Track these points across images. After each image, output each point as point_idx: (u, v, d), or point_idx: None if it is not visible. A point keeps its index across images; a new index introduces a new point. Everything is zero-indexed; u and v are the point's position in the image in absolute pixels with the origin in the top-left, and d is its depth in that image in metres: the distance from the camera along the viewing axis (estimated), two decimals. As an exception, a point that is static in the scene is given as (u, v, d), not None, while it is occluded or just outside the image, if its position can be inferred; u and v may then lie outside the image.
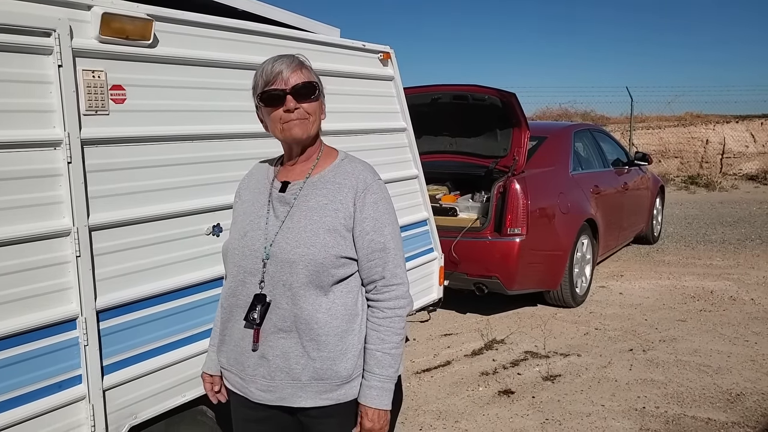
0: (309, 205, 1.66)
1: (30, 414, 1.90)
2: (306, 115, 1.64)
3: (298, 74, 1.63)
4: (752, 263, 7.19)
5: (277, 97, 1.62)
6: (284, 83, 1.61)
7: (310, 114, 1.65)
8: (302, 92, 1.63)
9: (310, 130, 1.67)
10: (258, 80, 1.65)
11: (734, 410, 3.60)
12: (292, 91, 1.61)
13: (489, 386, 4.01)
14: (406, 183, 3.66)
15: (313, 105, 1.66)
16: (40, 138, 1.93)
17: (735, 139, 15.56)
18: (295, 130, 1.64)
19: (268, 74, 1.62)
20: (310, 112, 1.65)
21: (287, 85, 1.61)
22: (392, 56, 3.52)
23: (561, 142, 6.04)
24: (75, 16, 2.01)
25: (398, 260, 1.71)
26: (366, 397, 1.67)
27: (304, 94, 1.63)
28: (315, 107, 1.67)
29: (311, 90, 1.64)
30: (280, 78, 1.61)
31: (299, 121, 1.63)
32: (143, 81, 2.22)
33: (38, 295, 1.93)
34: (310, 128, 1.66)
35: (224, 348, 1.76)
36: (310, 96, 1.64)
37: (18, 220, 1.88)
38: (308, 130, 1.66)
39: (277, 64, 1.63)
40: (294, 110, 1.62)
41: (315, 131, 1.70)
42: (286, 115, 1.62)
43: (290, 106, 1.61)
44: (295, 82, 1.62)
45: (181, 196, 2.34)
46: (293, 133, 1.65)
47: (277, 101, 1.62)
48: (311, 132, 1.68)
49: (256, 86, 1.66)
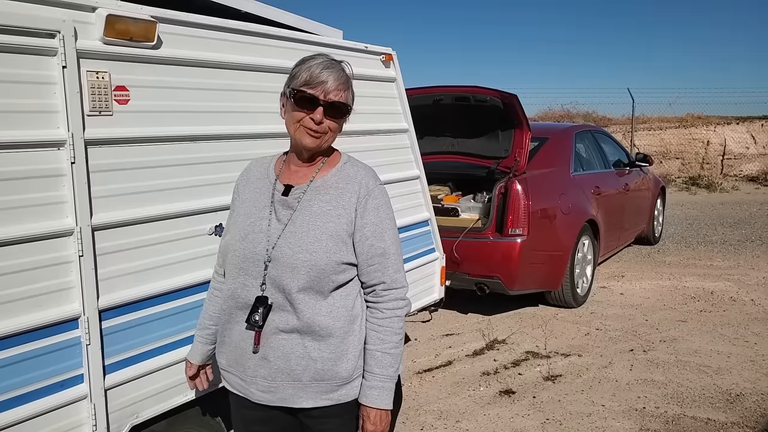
0: (312, 210, 1.67)
1: (32, 413, 1.91)
2: (327, 130, 1.65)
3: (339, 92, 1.62)
4: (752, 264, 7.19)
5: (310, 102, 1.61)
6: (324, 94, 1.61)
7: (331, 131, 1.66)
8: (335, 110, 1.63)
9: (323, 144, 1.68)
10: (300, 73, 1.63)
11: (734, 410, 3.61)
12: (326, 105, 1.61)
13: (490, 386, 4.01)
14: (408, 183, 3.67)
15: (337, 124, 1.67)
16: (44, 138, 1.94)
17: (736, 140, 15.56)
18: (307, 140, 1.65)
19: (313, 76, 1.61)
20: (332, 129, 1.66)
21: (326, 97, 1.61)
22: (394, 58, 3.53)
23: (562, 143, 6.05)
24: (79, 17, 2.02)
25: (398, 265, 1.72)
26: (367, 398, 1.68)
27: (336, 112, 1.64)
28: (338, 125, 1.68)
29: (344, 111, 1.65)
30: (322, 87, 1.60)
31: (318, 134, 1.64)
32: (147, 82, 2.23)
33: (41, 294, 1.94)
34: (323, 143, 1.68)
35: (224, 349, 1.76)
36: (340, 116, 1.66)
37: (22, 220, 1.89)
38: (320, 144, 1.67)
39: (326, 72, 1.61)
40: (319, 123, 1.62)
41: (327, 146, 1.71)
42: (308, 121, 1.62)
43: (317, 118, 1.61)
44: (334, 98, 1.62)
45: (183, 196, 2.35)
46: (305, 142, 1.65)
47: (308, 106, 1.61)
48: (323, 146, 1.69)
49: (295, 77, 1.64)
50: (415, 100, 4.68)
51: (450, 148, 5.81)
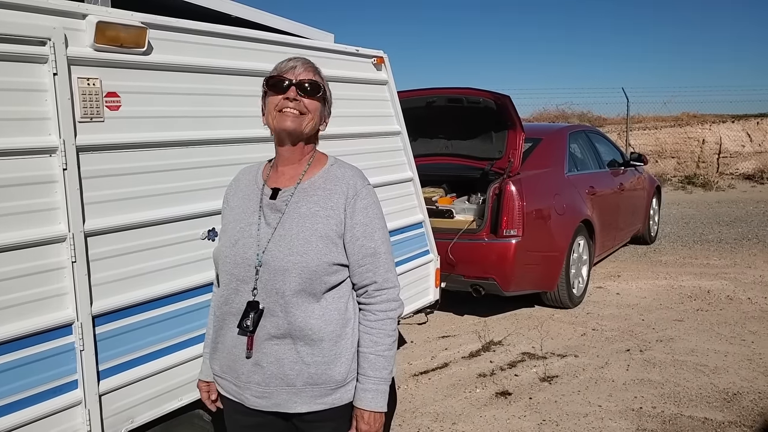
0: (300, 212, 1.67)
1: (27, 419, 1.92)
2: (304, 109, 1.66)
3: (309, 73, 1.68)
4: (749, 262, 7.21)
5: (281, 84, 1.65)
6: (294, 76, 1.66)
7: (309, 110, 1.67)
8: (307, 88, 1.66)
9: (303, 126, 1.67)
10: (272, 71, 1.70)
11: (731, 410, 3.61)
12: (297, 83, 1.65)
13: (486, 388, 4.02)
14: (401, 186, 3.68)
15: (314, 103, 1.68)
16: (36, 145, 1.95)
17: (731, 138, 15.59)
18: (287, 122, 1.65)
19: (282, 66, 1.68)
20: (310, 109, 1.67)
21: (296, 77, 1.66)
22: (386, 61, 3.54)
23: (556, 144, 6.06)
24: (70, 24, 2.03)
25: (389, 264, 1.73)
26: (361, 401, 1.68)
27: (309, 91, 1.66)
28: (316, 106, 1.68)
29: (316, 89, 1.68)
30: (291, 71, 1.66)
31: (294, 114, 1.65)
32: (138, 88, 2.24)
33: (34, 300, 1.94)
34: (303, 124, 1.66)
35: (217, 355, 1.76)
36: (314, 94, 1.68)
37: (14, 227, 1.90)
38: (301, 125, 1.66)
39: (294, 61, 1.69)
40: (293, 100, 1.64)
41: (309, 130, 1.69)
42: (283, 102, 1.64)
43: (290, 95, 1.64)
44: (305, 77, 1.66)
45: (176, 201, 2.36)
46: (285, 125, 1.65)
47: (281, 89, 1.65)
48: (304, 129, 1.67)
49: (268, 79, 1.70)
50: (408, 103, 4.69)
51: (444, 150, 5.82)
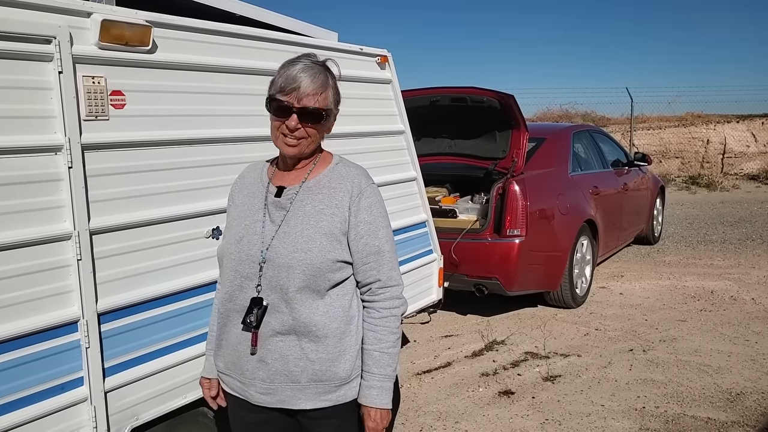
0: (305, 210, 1.67)
1: (32, 416, 1.93)
2: (305, 135, 1.64)
3: (314, 97, 1.61)
4: (753, 263, 7.19)
5: (283, 110, 1.62)
6: (297, 99, 1.60)
7: (309, 136, 1.65)
8: (309, 115, 1.62)
9: (305, 150, 1.67)
10: (277, 77, 1.63)
11: (734, 410, 3.60)
12: (299, 111, 1.61)
13: (489, 387, 4.02)
14: (405, 185, 3.68)
15: (315, 128, 1.65)
16: (42, 143, 1.96)
17: (736, 138, 15.54)
18: (287, 149, 1.65)
19: (288, 80, 1.60)
20: (311, 135, 1.65)
21: (299, 103, 1.60)
22: (389, 59, 3.55)
23: (560, 144, 6.05)
24: (75, 23, 2.04)
25: (393, 262, 1.73)
26: (366, 398, 1.69)
27: (311, 118, 1.62)
28: (317, 130, 1.66)
29: (318, 116, 1.63)
30: (295, 92, 1.59)
31: (295, 141, 1.64)
32: (143, 86, 2.25)
33: (40, 298, 1.95)
34: (304, 149, 1.67)
35: (221, 352, 1.77)
36: (316, 122, 1.64)
37: (20, 225, 1.91)
38: (302, 151, 1.67)
39: (302, 75, 1.60)
40: (294, 130, 1.62)
41: (310, 151, 1.70)
42: (284, 128, 1.63)
43: (291, 126, 1.61)
44: (307, 104, 1.60)
45: (180, 199, 2.37)
46: (285, 151, 1.66)
47: (282, 113, 1.62)
48: (305, 152, 1.68)
49: (273, 83, 1.65)
50: (412, 102, 4.69)
51: (447, 150, 5.81)
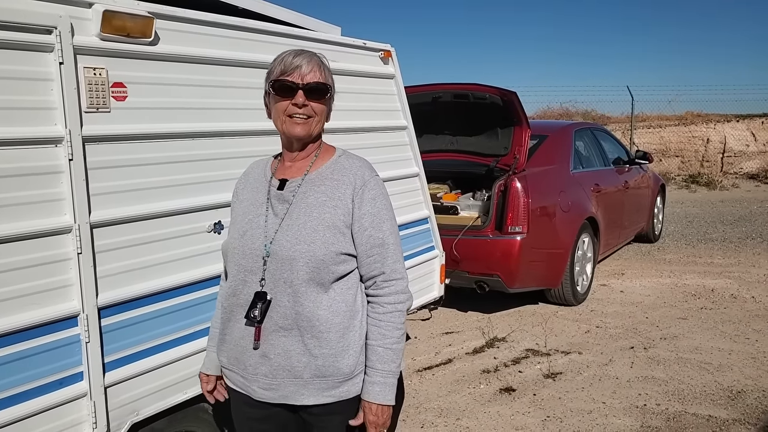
0: (308, 202, 1.66)
1: (32, 411, 1.91)
2: (312, 113, 1.65)
3: (315, 73, 1.64)
4: (753, 261, 7.19)
5: (289, 88, 1.62)
6: (300, 78, 1.62)
7: (316, 113, 1.66)
8: (315, 91, 1.63)
9: (312, 129, 1.67)
10: (275, 67, 1.65)
11: (735, 407, 3.60)
12: (305, 87, 1.62)
13: (490, 384, 4.01)
14: (407, 181, 3.67)
15: (321, 105, 1.66)
16: (42, 135, 1.94)
17: (736, 138, 15.54)
18: (297, 129, 1.65)
19: (287, 64, 1.63)
20: (317, 112, 1.66)
21: (303, 80, 1.62)
22: (393, 54, 3.53)
23: (562, 141, 6.04)
24: (76, 13, 2.02)
25: (397, 255, 1.72)
26: (369, 393, 1.67)
27: (316, 93, 1.64)
28: (323, 108, 1.67)
29: (324, 91, 1.65)
30: (297, 72, 1.62)
31: (303, 119, 1.64)
32: (144, 78, 2.22)
33: (40, 292, 1.93)
34: (312, 128, 1.67)
35: (224, 347, 1.75)
36: (322, 97, 1.65)
37: (20, 217, 1.89)
38: (310, 130, 1.67)
39: (299, 58, 1.64)
40: (302, 106, 1.63)
41: (317, 131, 1.70)
42: (292, 108, 1.63)
43: (299, 101, 1.62)
44: (311, 79, 1.62)
45: (182, 193, 2.35)
46: (295, 132, 1.65)
47: (288, 93, 1.63)
48: (313, 132, 1.68)
49: (271, 72, 1.66)
50: (414, 98, 4.67)
51: (449, 146, 5.80)
